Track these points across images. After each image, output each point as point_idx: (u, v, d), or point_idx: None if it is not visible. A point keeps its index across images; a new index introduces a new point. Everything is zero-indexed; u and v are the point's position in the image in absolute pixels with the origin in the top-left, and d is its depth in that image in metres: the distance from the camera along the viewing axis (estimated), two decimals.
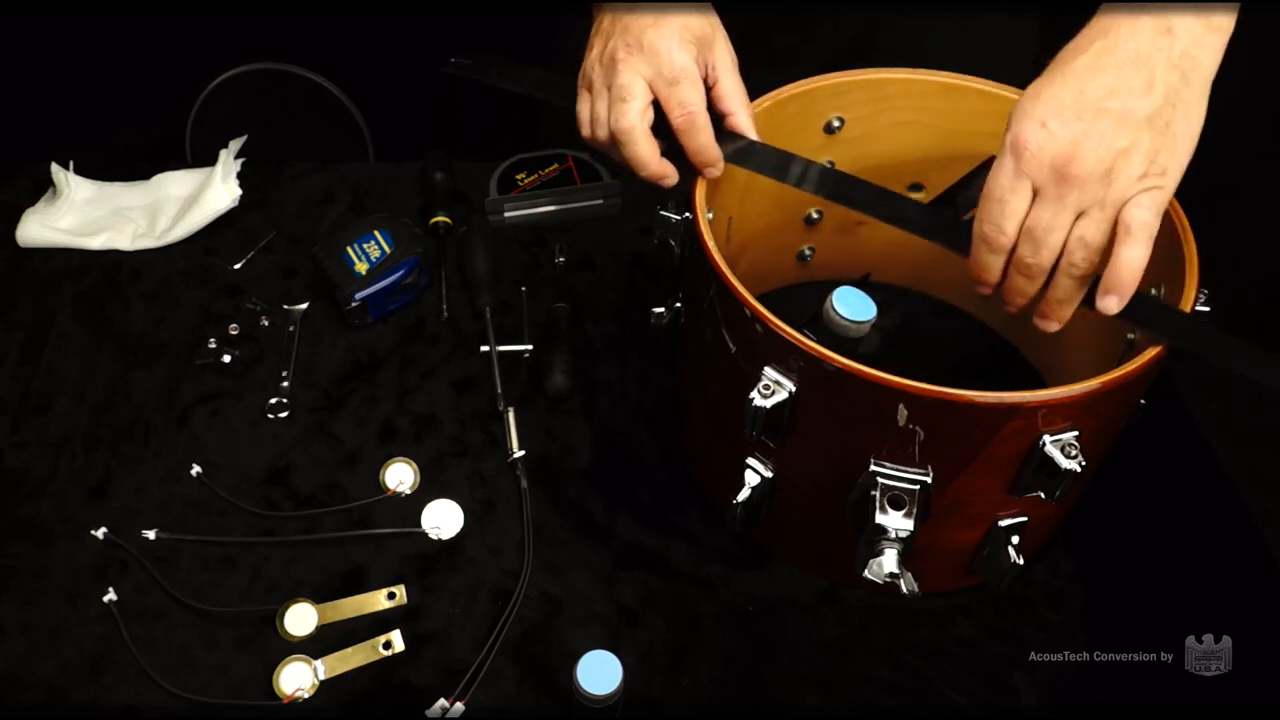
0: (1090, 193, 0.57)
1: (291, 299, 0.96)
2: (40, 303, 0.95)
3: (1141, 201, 0.57)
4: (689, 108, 0.68)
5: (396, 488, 0.81)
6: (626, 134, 0.68)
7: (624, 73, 0.68)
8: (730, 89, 0.71)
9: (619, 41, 0.68)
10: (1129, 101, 0.56)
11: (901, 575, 0.62)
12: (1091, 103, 0.56)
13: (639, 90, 0.68)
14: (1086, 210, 0.58)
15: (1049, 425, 0.60)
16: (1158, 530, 0.80)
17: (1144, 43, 0.57)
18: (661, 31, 0.67)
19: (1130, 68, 0.57)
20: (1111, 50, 0.57)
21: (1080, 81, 0.57)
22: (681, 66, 0.67)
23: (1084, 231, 0.58)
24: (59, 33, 1.53)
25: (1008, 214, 0.59)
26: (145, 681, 0.71)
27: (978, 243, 0.61)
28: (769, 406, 0.63)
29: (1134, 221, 0.57)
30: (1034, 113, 0.58)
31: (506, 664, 0.72)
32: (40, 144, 1.08)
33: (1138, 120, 0.56)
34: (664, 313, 0.80)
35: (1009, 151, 0.58)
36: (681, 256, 0.75)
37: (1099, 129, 0.56)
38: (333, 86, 1.58)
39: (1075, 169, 0.56)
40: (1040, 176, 0.57)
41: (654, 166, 0.70)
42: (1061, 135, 0.56)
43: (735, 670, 0.72)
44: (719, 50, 0.70)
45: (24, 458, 0.83)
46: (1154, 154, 0.57)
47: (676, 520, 0.81)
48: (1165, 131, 0.57)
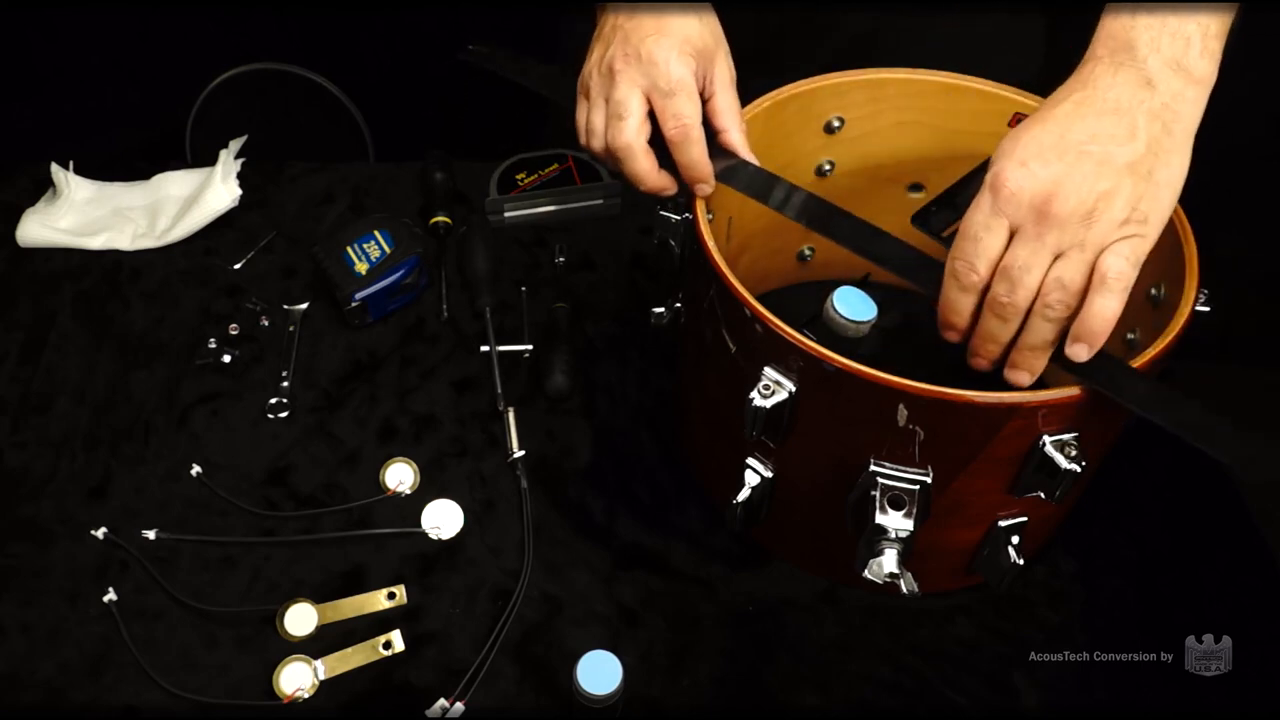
0: (1070, 234, 0.56)
1: (291, 299, 0.96)
2: (40, 303, 0.95)
3: (1120, 250, 0.56)
4: (683, 120, 0.67)
5: (396, 488, 0.81)
6: (624, 151, 0.68)
7: (621, 86, 0.67)
8: (725, 105, 0.70)
9: (618, 50, 0.67)
10: (1111, 147, 0.56)
11: (901, 575, 0.62)
12: (1073, 145, 0.56)
13: (635, 106, 0.67)
14: (1065, 251, 0.57)
15: (1049, 425, 0.60)
16: (1158, 530, 0.81)
17: (1124, 94, 0.57)
18: (661, 42, 0.66)
19: (1112, 116, 0.57)
20: (1092, 100, 0.58)
21: (1062, 126, 0.57)
22: (678, 78, 0.66)
23: (1062, 273, 0.57)
24: (59, 33, 1.53)
25: (981, 251, 0.58)
26: (145, 681, 0.71)
27: (948, 279, 0.60)
28: (769, 406, 0.63)
29: (1110, 270, 0.56)
30: (1014, 153, 0.57)
31: (506, 664, 0.72)
32: (40, 144, 1.09)
33: (1119, 166, 0.56)
34: (664, 313, 0.80)
35: (988, 189, 0.57)
36: (681, 256, 0.75)
37: (1081, 170, 0.56)
38: (333, 86, 1.58)
39: (1056, 208, 0.55)
40: (1019, 215, 0.56)
41: (652, 181, 0.70)
42: (1042, 175, 0.56)
43: (735, 670, 0.72)
44: (719, 65, 0.70)
45: (24, 458, 0.83)
46: (1136, 200, 0.56)
47: (676, 520, 0.81)
48: (1148, 179, 0.57)
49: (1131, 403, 0.59)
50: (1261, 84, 1.36)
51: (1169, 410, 0.58)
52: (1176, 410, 0.59)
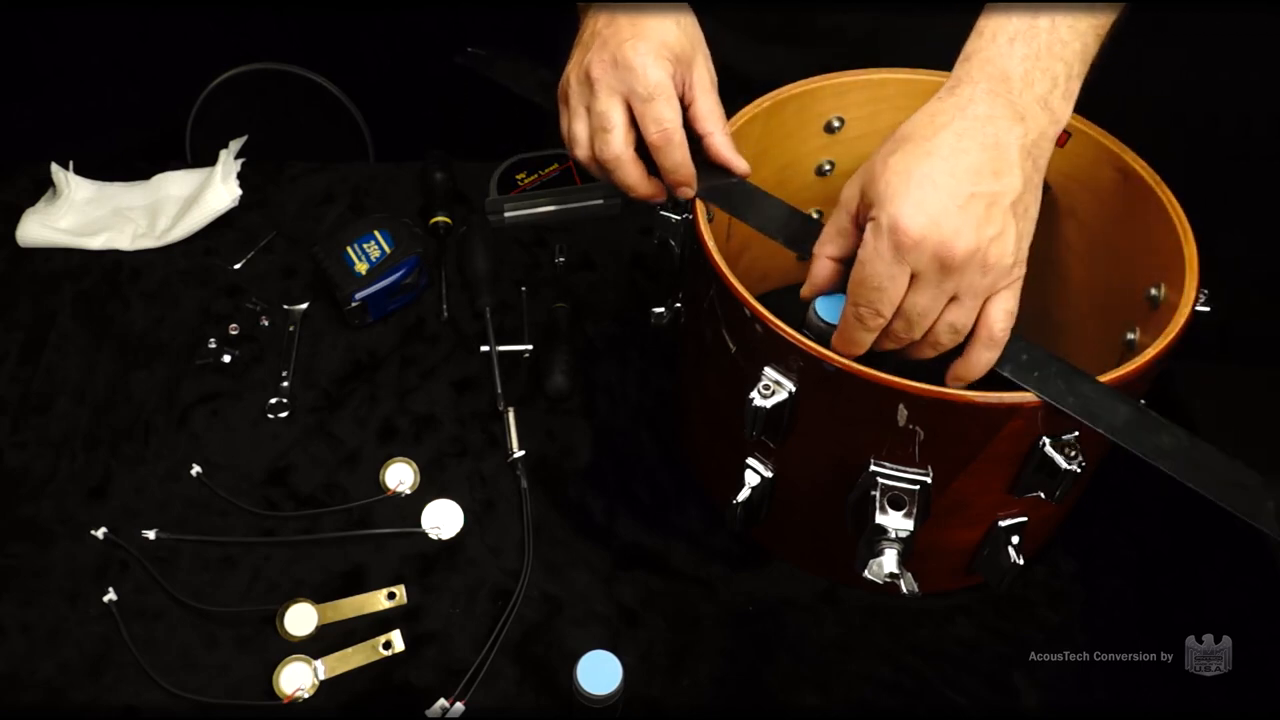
0: (967, 280, 0.57)
1: (291, 299, 0.96)
2: (40, 303, 0.95)
3: (1003, 302, 0.59)
4: (664, 125, 0.66)
5: (396, 488, 0.81)
6: (613, 163, 0.68)
7: (601, 96, 0.67)
8: (707, 108, 0.70)
9: (595, 56, 0.67)
10: (995, 186, 0.57)
11: (901, 575, 0.62)
12: (964, 187, 0.57)
13: (618, 118, 0.67)
14: (959, 296, 0.58)
15: (1049, 426, 0.60)
16: (1158, 530, 0.81)
17: (1001, 128, 0.58)
18: (638, 47, 0.65)
19: (993, 150, 0.58)
20: (972, 132, 0.58)
21: (948, 163, 0.57)
22: (656, 83, 0.66)
23: (954, 318, 0.59)
24: (59, 33, 1.53)
25: (885, 301, 0.59)
26: (145, 681, 0.71)
27: (851, 321, 0.61)
28: (769, 406, 0.63)
29: (996, 328, 0.60)
30: (908, 197, 0.57)
31: (506, 664, 0.72)
32: (40, 144, 1.09)
33: (1004, 207, 0.57)
34: (664, 313, 0.80)
35: (887, 237, 0.57)
36: (681, 256, 0.75)
37: (974, 215, 0.56)
38: (333, 86, 1.58)
39: (957, 258, 0.56)
40: (920, 263, 0.57)
41: (644, 189, 0.70)
42: (945, 225, 0.56)
43: (735, 670, 0.72)
44: (698, 69, 0.69)
45: (24, 458, 0.83)
46: (1019, 240, 0.58)
47: (676, 520, 0.81)
48: (1025, 216, 0.59)
49: (1107, 430, 0.59)
50: (1261, 84, 1.36)
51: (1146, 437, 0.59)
52: (1153, 437, 0.59)
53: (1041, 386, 0.60)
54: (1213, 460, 0.59)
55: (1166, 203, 0.69)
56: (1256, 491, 0.58)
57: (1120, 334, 0.72)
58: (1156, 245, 0.69)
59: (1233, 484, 0.58)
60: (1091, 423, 0.59)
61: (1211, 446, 0.59)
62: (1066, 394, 0.59)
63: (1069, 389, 0.60)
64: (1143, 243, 0.71)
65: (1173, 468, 0.59)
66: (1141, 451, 0.59)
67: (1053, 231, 0.80)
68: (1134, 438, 0.59)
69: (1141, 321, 0.71)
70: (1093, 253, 0.77)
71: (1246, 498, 0.58)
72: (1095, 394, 0.60)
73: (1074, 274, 0.79)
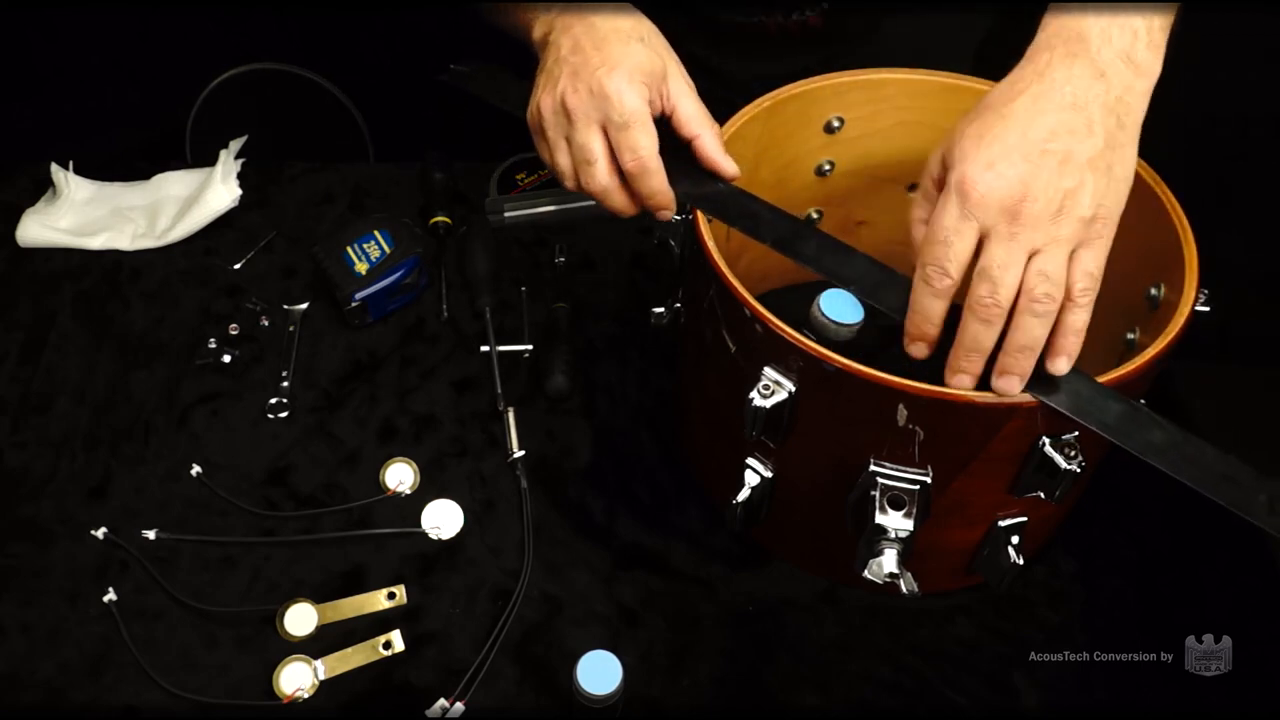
0: (1043, 231, 0.56)
1: (291, 299, 0.96)
2: (40, 303, 0.95)
3: (1087, 258, 0.57)
4: (639, 154, 0.66)
5: (396, 488, 0.81)
6: (600, 194, 0.68)
7: (579, 126, 0.66)
8: (690, 113, 0.69)
9: (568, 85, 0.66)
10: (1072, 144, 0.56)
11: (901, 575, 0.62)
12: (1036, 144, 0.56)
13: (598, 148, 0.66)
14: (1041, 248, 0.57)
15: (1049, 425, 0.60)
16: (1158, 530, 0.81)
17: (1080, 88, 0.57)
18: (612, 75, 0.65)
19: (1070, 111, 0.57)
20: (1049, 94, 0.58)
21: (1022, 124, 0.57)
22: (631, 109, 0.65)
23: (1044, 265, 0.57)
24: (59, 33, 1.53)
25: (953, 255, 0.57)
26: (145, 681, 0.71)
27: (919, 285, 0.59)
28: (769, 406, 0.63)
29: (1077, 285, 0.57)
30: (978, 156, 0.57)
31: (506, 664, 0.72)
32: (40, 144, 1.08)
33: (1081, 163, 0.56)
34: (664, 313, 0.80)
35: (954, 193, 0.57)
36: (681, 256, 0.75)
37: (1046, 169, 0.56)
38: (333, 86, 1.58)
39: (1026, 209, 0.55)
40: (989, 217, 0.56)
41: (633, 212, 0.70)
42: (1010, 175, 0.56)
43: (735, 670, 0.72)
44: (673, 80, 0.69)
45: (24, 458, 0.83)
46: (1100, 196, 0.57)
47: (676, 520, 0.81)
48: (1108, 174, 0.57)
49: (1098, 427, 0.59)
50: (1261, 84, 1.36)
51: (1138, 433, 0.59)
52: (1145, 433, 0.59)
53: (1032, 383, 0.59)
54: (1205, 455, 0.59)
55: (1166, 203, 0.69)
56: (1249, 485, 0.58)
57: (1120, 334, 0.72)
58: (1156, 245, 0.69)
59: (1225, 478, 0.58)
60: (1083, 419, 0.59)
61: (1204, 441, 0.59)
62: (1058, 391, 0.59)
63: (1061, 386, 0.60)
64: (1143, 243, 0.71)
65: (1165, 463, 0.58)
66: (1133, 448, 0.59)
67: None
68: (1126, 434, 0.59)
69: (1141, 321, 0.71)
70: None
71: (1239, 492, 0.58)
72: (1087, 390, 0.60)
73: None
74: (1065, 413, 0.59)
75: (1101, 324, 0.71)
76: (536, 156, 1.04)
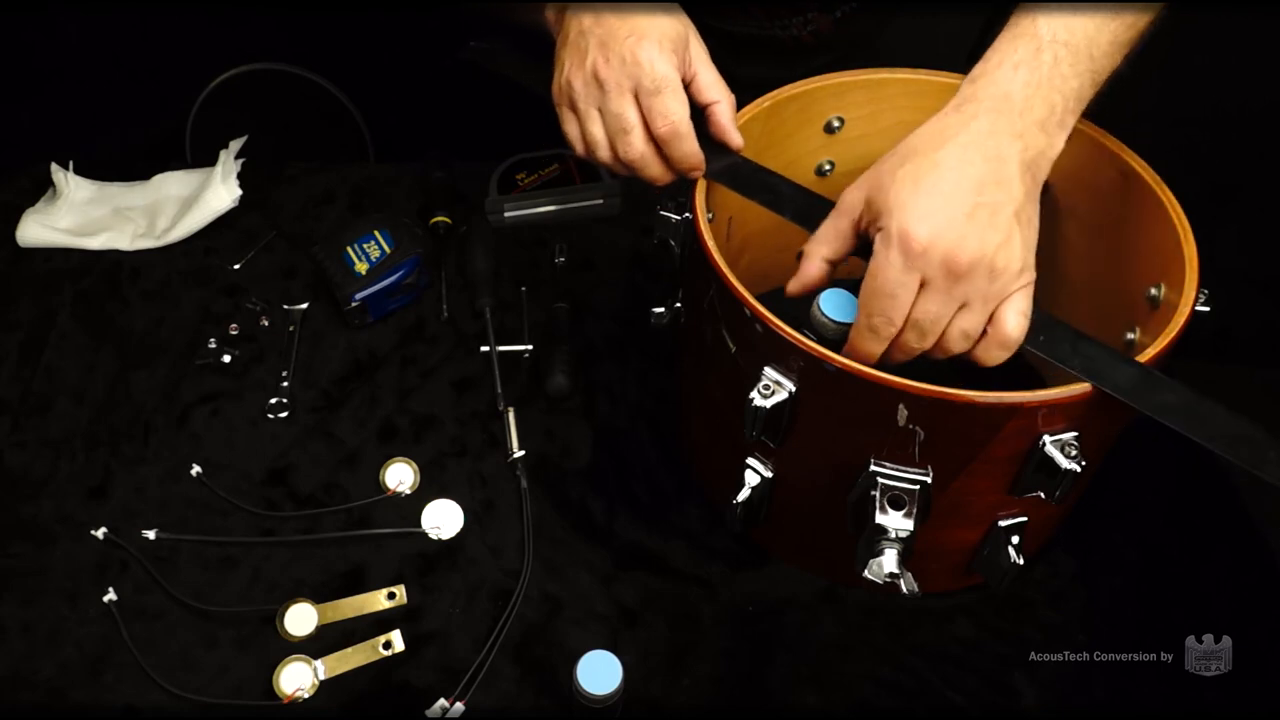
0: (976, 287, 0.58)
1: (291, 299, 0.96)
2: (40, 303, 0.95)
3: (1017, 305, 0.60)
4: (671, 118, 0.67)
5: (396, 488, 0.81)
6: (639, 162, 0.69)
7: (612, 95, 0.67)
8: (709, 80, 0.71)
9: (598, 56, 0.67)
10: (999, 196, 0.59)
11: (901, 575, 0.62)
12: (969, 196, 0.58)
13: (633, 116, 0.67)
14: (969, 303, 0.59)
15: (1049, 425, 0.60)
16: (1158, 530, 0.80)
17: (1003, 144, 0.60)
18: (641, 43, 0.66)
19: (995, 163, 0.59)
20: (976, 144, 0.60)
21: (955, 174, 0.59)
22: (663, 75, 0.67)
23: (966, 325, 0.60)
24: (59, 33, 1.53)
25: (898, 308, 0.60)
26: (145, 681, 0.71)
27: (864, 333, 0.62)
28: (769, 406, 0.63)
29: (1012, 331, 0.60)
30: (916, 206, 0.58)
31: (506, 664, 0.72)
32: (40, 144, 1.08)
33: (1008, 215, 0.59)
34: (664, 313, 0.80)
35: (897, 246, 0.58)
36: (681, 256, 0.75)
37: (979, 223, 0.58)
38: (333, 86, 1.58)
39: (964, 264, 0.57)
40: (930, 271, 0.58)
41: (668, 180, 0.71)
42: (949, 234, 0.57)
43: (735, 670, 0.72)
44: (694, 46, 0.70)
45: (24, 458, 0.83)
46: (1026, 246, 0.60)
47: (676, 520, 0.81)
48: (1029, 225, 0.60)
49: (1112, 389, 0.59)
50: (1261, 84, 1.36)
51: (1151, 395, 0.60)
52: (1158, 395, 0.60)
53: (1048, 349, 0.61)
54: (1217, 415, 0.60)
55: (1166, 203, 0.69)
56: (1260, 444, 0.59)
57: (1120, 334, 0.72)
58: (1156, 245, 0.69)
59: (1237, 437, 0.59)
60: (1098, 382, 0.59)
61: (1216, 402, 0.60)
62: (1072, 355, 0.60)
63: (1075, 350, 0.61)
64: (1143, 243, 0.71)
65: (1179, 424, 0.59)
66: (1148, 409, 0.59)
67: (1053, 231, 0.80)
68: (1140, 396, 0.60)
69: (1141, 321, 0.71)
70: (1093, 253, 0.77)
71: (1251, 450, 0.59)
72: (1100, 355, 0.61)
73: (1074, 274, 0.79)
74: (1079, 375, 0.59)
75: (1101, 324, 0.71)
76: (536, 156, 1.05)
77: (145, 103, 1.58)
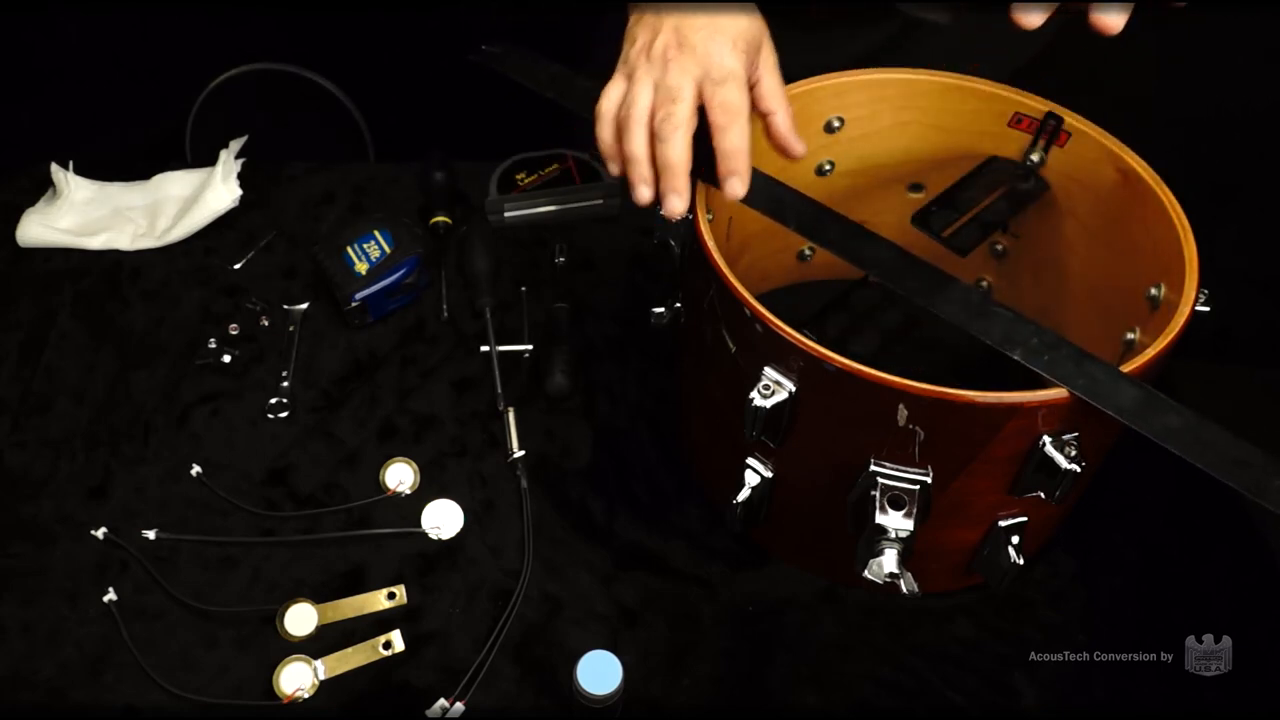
0: None
1: (291, 299, 0.96)
2: (40, 303, 0.95)
3: None
4: (731, 107, 0.66)
5: (396, 488, 0.81)
6: (671, 132, 0.65)
7: (674, 72, 0.66)
8: (772, 88, 0.70)
9: (670, 38, 0.67)
10: None
11: (901, 575, 0.62)
12: None
13: (689, 94, 0.66)
14: None
15: (1049, 425, 0.60)
16: (1158, 530, 0.81)
17: None
18: (715, 37, 0.66)
19: None
20: None
21: None
22: (730, 69, 0.66)
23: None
24: (59, 33, 1.53)
25: None
26: (145, 681, 0.71)
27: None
28: (769, 406, 0.63)
29: None
30: None
31: (506, 664, 0.72)
32: (40, 144, 1.08)
33: None
34: (664, 313, 0.80)
35: None
36: (681, 256, 0.75)
37: None
38: (333, 86, 1.58)
39: None
40: None
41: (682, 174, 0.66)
42: None
43: (735, 670, 0.72)
44: (765, 52, 0.70)
45: (24, 458, 0.83)
46: None
47: (676, 520, 0.81)
48: None
49: (1114, 411, 0.59)
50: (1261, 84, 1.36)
51: (1153, 418, 0.59)
52: (1161, 418, 0.59)
53: (1052, 369, 0.60)
54: (1220, 439, 0.59)
55: (1166, 203, 0.69)
56: (1263, 470, 0.58)
57: (1120, 334, 0.72)
58: (1156, 245, 0.69)
59: (1239, 463, 0.59)
60: (1100, 404, 0.59)
61: (1219, 426, 0.59)
62: (1076, 376, 0.60)
63: (1078, 371, 0.60)
64: (1143, 243, 0.71)
65: (1180, 447, 0.59)
66: (1150, 432, 0.59)
67: (1053, 231, 0.80)
68: (1142, 418, 0.59)
69: (1141, 321, 0.71)
70: (1093, 253, 0.77)
71: (1253, 476, 0.58)
72: (1104, 376, 0.60)
73: (1074, 274, 0.79)
74: (1082, 396, 0.59)
75: (1102, 324, 0.71)
76: (536, 156, 1.05)
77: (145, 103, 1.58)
